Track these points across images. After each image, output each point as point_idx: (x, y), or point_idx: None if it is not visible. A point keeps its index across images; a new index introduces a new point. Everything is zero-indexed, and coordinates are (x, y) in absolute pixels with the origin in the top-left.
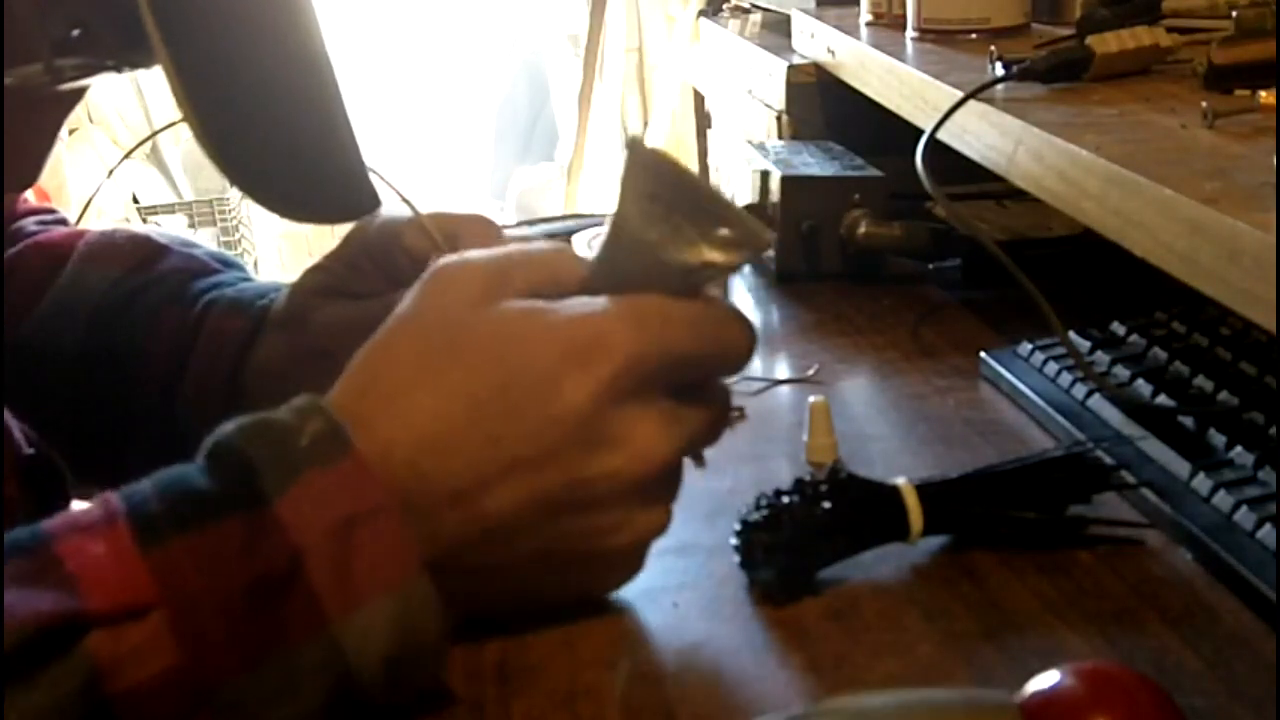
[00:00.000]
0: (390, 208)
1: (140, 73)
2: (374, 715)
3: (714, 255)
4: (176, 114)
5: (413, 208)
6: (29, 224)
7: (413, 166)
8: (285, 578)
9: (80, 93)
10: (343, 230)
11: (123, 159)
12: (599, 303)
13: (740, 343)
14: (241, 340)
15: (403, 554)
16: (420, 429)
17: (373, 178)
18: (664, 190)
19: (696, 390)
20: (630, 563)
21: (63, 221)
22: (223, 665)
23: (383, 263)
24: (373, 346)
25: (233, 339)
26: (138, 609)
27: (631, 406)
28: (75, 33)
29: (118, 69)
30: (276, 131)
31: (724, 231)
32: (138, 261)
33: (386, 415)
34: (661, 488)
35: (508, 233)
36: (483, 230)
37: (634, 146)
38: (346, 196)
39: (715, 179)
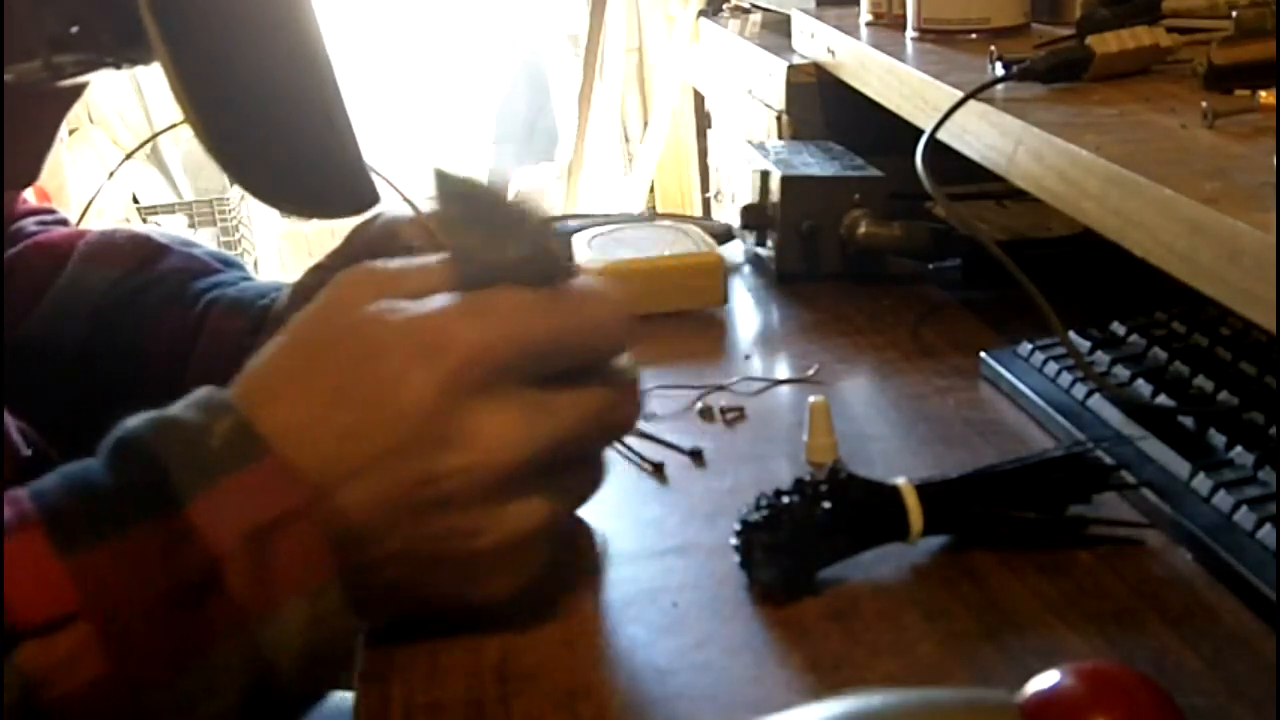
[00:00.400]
0: (392, 207)
1: (140, 73)
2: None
3: (536, 244)
4: (177, 114)
5: (414, 207)
6: (29, 224)
7: (413, 165)
8: (205, 585)
9: (79, 89)
10: (343, 230)
11: (123, 160)
12: (448, 299)
13: (603, 318)
14: (243, 340)
15: (316, 554)
16: (285, 418)
17: (374, 176)
18: (479, 210)
19: (583, 376)
20: (515, 563)
21: (63, 221)
22: (148, 670)
23: None
24: (270, 342)
25: (234, 339)
26: (63, 618)
27: (482, 400)
28: (73, 29)
29: (116, 65)
30: (276, 127)
31: (531, 225)
32: (138, 261)
33: (269, 404)
34: (530, 482)
35: None
36: None
37: (441, 179)
38: (346, 192)
39: (715, 179)
